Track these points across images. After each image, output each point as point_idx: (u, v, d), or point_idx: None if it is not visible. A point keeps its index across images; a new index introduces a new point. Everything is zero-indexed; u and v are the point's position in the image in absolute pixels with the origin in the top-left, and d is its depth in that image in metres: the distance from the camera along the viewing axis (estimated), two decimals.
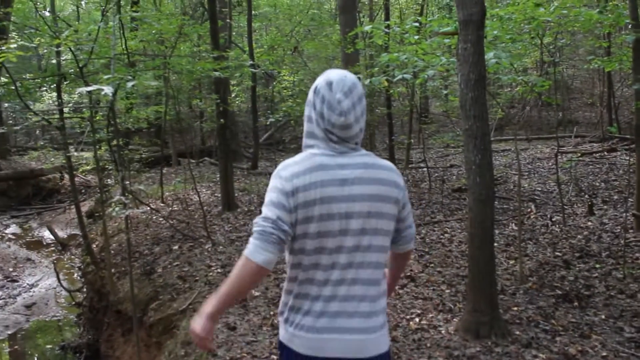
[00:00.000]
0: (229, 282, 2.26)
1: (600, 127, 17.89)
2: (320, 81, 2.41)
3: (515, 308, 5.72)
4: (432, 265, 7.21)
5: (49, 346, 9.48)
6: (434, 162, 15.51)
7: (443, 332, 5.23)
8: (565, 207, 9.30)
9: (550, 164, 13.35)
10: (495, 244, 6.83)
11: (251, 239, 2.25)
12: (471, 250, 5.15)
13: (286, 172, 2.31)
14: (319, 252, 2.30)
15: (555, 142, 12.81)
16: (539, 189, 11.20)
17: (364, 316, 2.34)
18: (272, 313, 5.69)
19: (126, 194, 5.73)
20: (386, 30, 8.75)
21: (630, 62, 8.34)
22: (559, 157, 11.18)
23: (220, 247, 8.26)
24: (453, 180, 12.53)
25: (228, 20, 15.53)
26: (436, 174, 13.10)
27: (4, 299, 11.29)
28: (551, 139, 17.16)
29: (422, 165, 14.15)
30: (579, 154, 14.06)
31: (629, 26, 8.02)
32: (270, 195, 2.30)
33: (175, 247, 8.47)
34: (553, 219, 8.97)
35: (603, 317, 5.50)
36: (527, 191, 10.95)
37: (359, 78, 8.43)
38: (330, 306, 2.31)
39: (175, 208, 11.36)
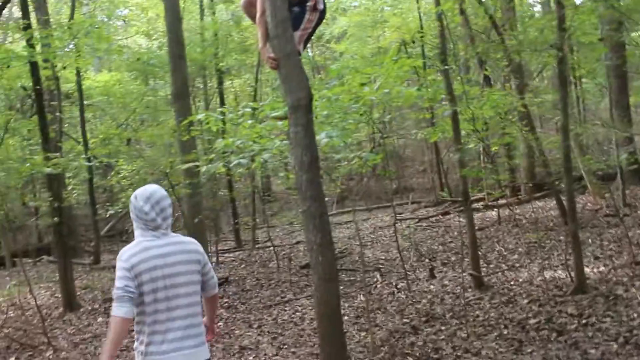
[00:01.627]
0: (108, 336, 3.34)
1: (434, 192, 18.95)
2: (132, 195, 3.64)
3: None
4: (286, 346, 7.17)
5: None
6: (280, 240, 15.62)
7: None
8: (409, 272, 9.66)
9: (390, 231, 13.86)
10: (345, 318, 6.93)
11: (113, 303, 3.34)
12: (321, 329, 5.18)
13: (125, 255, 3.45)
14: (155, 302, 3.43)
15: (393, 210, 13.37)
16: (383, 257, 11.58)
17: (192, 337, 3.51)
18: None
19: None
20: (221, 116, 8.85)
21: (451, 131, 8.97)
22: (398, 224, 11.67)
23: (63, 352, 7.77)
24: (300, 256, 12.67)
25: (58, 114, 15.05)
26: (283, 252, 13.20)
27: None
28: (389, 207, 17.88)
29: (268, 244, 14.21)
30: (417, 220, 14.79)
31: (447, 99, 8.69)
32: (118, 273, 3.40)
33: (12, 359, 7.85)
34: (398, 286, 9.26)
35: None
36: (372, 261, 11.28)
37: (197, 165, 8.44)
38: (169, 336, 3.43)
39: (11, 315, 10.57)
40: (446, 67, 8.56)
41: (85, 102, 14.37)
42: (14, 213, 16.57)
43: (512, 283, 8.46)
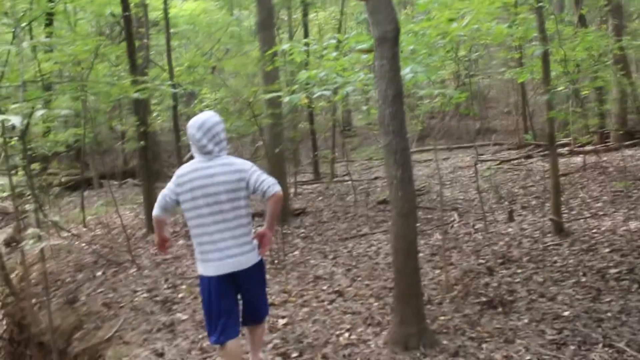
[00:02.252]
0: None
1: (517, 135, 18.49)
2: (187, 124, 4.14)
3: (442, 317, 5.82)
4: (360, 278, 7.26)
5: None
6: (358, 175, 15.66)
7: (372, 346, 5.26)
8: (487, 214, 9.54)
9: (471, 172, 13.68)
10: (421, 254, 6.94)
11: None
12: (396, 263, 5.21)
13: (178, 173, 4.16)
14: (200, 216, 4.03)
15: (475, 151, 13.16)
16: (461, 197, 11.46)
17: (234, 247, 4.05)
18: (200, 337, 5.60)
19: (42, 225, 5.55)
20: (305, 47, 8.80)
21: (540, 72, 8.66)
22: (479, 165, 11.48)
23: (146, 270, 8.10)
24: (378, 192, 12.68)
25: (145, 40, 15.31)
26: (361, 187, 13.23)
27: None
28: (471, 148, 17.60)
29: (346, 178, 14.26)
30: (498, 162, 14.49)
31: (538, 38, 8.34)
32: (167, 185, 4.18)
33: (99, 273, 8.26)
34: (475, 227, 9.18)
35: (526, 321, 5.65)
36: (450, 200, 11.19)
37: (279, 96, 8.47)
38: (214, 245, 4.03)
39: (98, 232, 11.08)
40: (539, 4, 8.20)
41: (171, 30, 14.50)
42: (102, 137, 17.13)
43: (594, 231, 8.25)
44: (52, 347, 5.01)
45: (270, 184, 4.04)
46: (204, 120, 4.08)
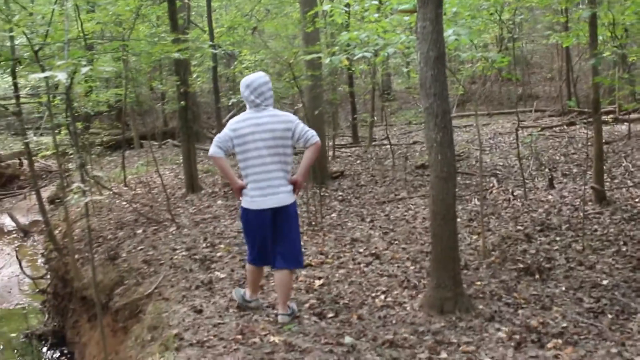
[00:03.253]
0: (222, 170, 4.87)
1: (560, 101, 18.14)
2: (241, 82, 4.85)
3: (479, 283, 5.81)
4: (397, 242, 7.27)
5: (13, 334, 9.35)
6: (397, 139, 15.57)
7: (408, 308, 5.29)
8: (526, 181, 9.44)
9: (511, 138, 13.51)
10: (458, 220, 6.91)
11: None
12: (433, 227, 5.20)
13: (231, 122, 4.82)
14: (247, 159, 4.72)
15: (516, 117, 12.96)
16: (501, 163, 11.34)
17: (273, 187, 4.71)
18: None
19: (85, 181, 5.66)
20: (346, 8, 8.72)
21: (586, 37, 8.45)
22: (520, 131, 11.31)
23: (185, 229, 8.21)
24: (416, 156, 12.61)
25: (186, 1, 15.30)
26: (399, 151, 13.17)
27: None
28: (512, 114, 17.35)
29: (385, 142, 14.20)
30: (539, 129, 14.27)
31: (585, 1, 8.12)
32: (222, 131, 4.81)
33: (139, 231, 8.40)
34: (515, 193, 9.10)
35: (563, 288, 5.62)
36: (489, 166, 11.08)
37: (319, 58, 8.42)
38: (257, 184, 4.71)
39: (139, 191, 11.25)
40: None
41: None
42: (143, 97, 17.28)
43: (636, 200, 8.12)
44: (95, 302, 5.14)
45: (313, 134, 4.76)
46: (252, 80, 4.79)
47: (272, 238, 4.81)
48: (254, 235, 4.84)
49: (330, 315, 5.16)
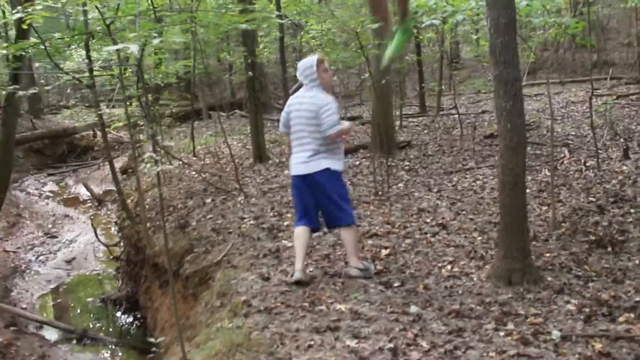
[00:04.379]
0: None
1: (637, 68, 17.47)
2: None
3: (548, 254, 5.71)
4: (464, 212, 7.20)
5: (89, 299, 9.75)
6: (465, 109, 15.33)
7: (475, 279, 5.25)
8: (600, 151, 9.16)
9: (584, 107, 13.12)
10: (528, 191, 6.77)
11: None
12: (502, 197, 5.12)
13: (289, 100, 5.60)
14: (291, 133, 5.45)
15: (589, 85, 12.55)
16: (573, 133, 11.05)
17: (304, 157, 5.32)
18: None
19: (157, 150, 5.78)
20: None
21: None
22: (594, 100, 10.95)
23: (253, 199, 8.33)
24: (485, 126, 12.40)
25: None
26: (468, 121, 12.96)
27: (45, 254, 11.58)
28: (586, 82, 16.81)
29: (453, 112, 13.99)
30: (615, 97, 13.78)
31: None
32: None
33: (209, 201, 8.56)
34: (587, 164, 8.86)
35: (637, 262, 5.47)
36: (561, 136, 10.80)
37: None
38: (295, 152, 5.42)
39: (207, 162, 11.45)
40: None
41: None
42: (211, 68, 17.47)
43: None
44: (167, 268, 5.28)
45: (330, 125, 5.23)
46: (301, 63, 5.53)
47: (313, 203, 5.38)
48: (294, 196, 5.55)
49: (397, 284, 5.17)
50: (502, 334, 4.16)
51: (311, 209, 5.38)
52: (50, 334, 8.29)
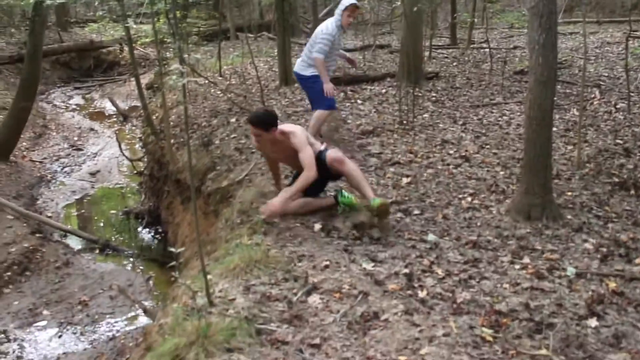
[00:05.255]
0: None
1: None
2: None
3: (570, 193, 5.70)
4: (488, 146, 7.16)
5: (112, 211, 9.92)
6: (496, 43, 15.02)
7: (494, 212, 5.27)
8: (632, 94, 8.99)
9: (620, 48, 12.81)
10: (554, 129, 6.71)
11: None
12: (528, 132, 5.08)
13: None
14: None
15: (627, 26, 12.20)
16: (606, 74, 10.82)
17: (300, 61, 6.96)
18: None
19: (184, 64, 5.76)
20: None
21: None
22: (630, 41, 10.66)
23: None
24: (515, 62, 12.17)
25: None
26: (498, 55, 12.71)
27: (70, 166, 11.76)
28: (624, 23, 16.35)
29: (484, 45, 13.71)
30: None
31: None
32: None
33: (233, 120, 8.56)
34: (617, 106, 8.71)
35: None
36: (593, 76, 10.59)
37: None
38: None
39: (233, 82, 11.40)
40: None
41: None
42: None
43: None
44: (189, 184, 5.34)
45: (316, 50, 6.66)
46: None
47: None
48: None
49: (416, 212, 5.20)
50: (517, 267, 4.20)
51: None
52: (74, 243, 8.51)
